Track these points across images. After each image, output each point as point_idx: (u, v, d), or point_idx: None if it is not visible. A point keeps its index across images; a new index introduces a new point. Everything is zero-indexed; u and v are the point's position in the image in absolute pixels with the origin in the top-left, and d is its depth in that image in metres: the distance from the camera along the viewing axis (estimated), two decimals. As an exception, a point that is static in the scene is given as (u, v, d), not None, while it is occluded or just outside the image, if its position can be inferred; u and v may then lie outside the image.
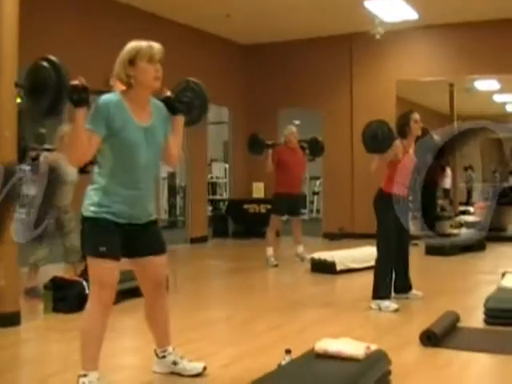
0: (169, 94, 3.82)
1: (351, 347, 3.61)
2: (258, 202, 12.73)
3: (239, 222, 13.11)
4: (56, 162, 6.25)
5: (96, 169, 3.61)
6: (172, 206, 15.88)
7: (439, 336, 4.53)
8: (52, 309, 5.75)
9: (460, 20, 11.16)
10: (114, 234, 3.52)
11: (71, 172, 6.37)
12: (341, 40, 12.37)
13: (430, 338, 4.51)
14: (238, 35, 12.65)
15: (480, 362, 4.28)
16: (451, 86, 15.45)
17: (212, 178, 16.09)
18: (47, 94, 3.27)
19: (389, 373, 3.72)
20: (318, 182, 16.73)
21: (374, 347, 3.71)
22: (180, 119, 3.85)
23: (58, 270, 6.67)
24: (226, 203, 14.21)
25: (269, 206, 10.27)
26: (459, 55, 11.61)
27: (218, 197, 16.14)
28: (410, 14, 10.69)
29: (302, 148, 9.13)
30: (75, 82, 3.30)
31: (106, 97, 3.49)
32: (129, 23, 9.72)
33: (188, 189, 12.58)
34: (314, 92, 12.72)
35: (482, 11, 10.68)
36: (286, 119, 12.81)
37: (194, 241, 11.94)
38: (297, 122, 14.42)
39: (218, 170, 16.52)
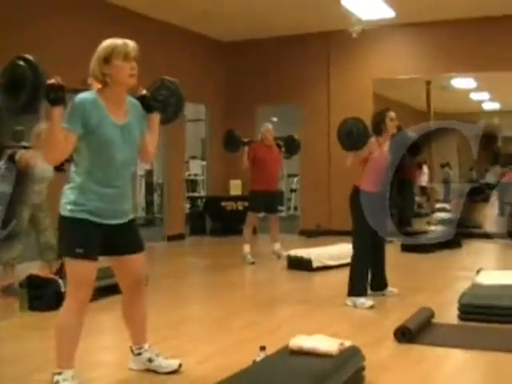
0: (144, 92, 3.84)
1: (325, 344, 3.64)
2: (236, 199, 12.72)
3: (216, 220, 13.08)
4: (32, 159, 6.21)
5: (72, 167, 3.60)
6: (149, 204, 15.79)
7: (414, 332, 4.58)
8: (28, 307, 5.71)
9: (436, 18, 11.24)
10: (91, 234, 3.51)
11: (47, 169, 6.31)
12: (318, 38, 12.41)
13: (405, 334, 4.56)
14: (216, 32, 12.63)
15: (454, 358, 4.34)
16: (428, 83, 15.52)
17: (190, 175, 16.04)
18: (24, 92, 3.25)
19: (362, 369, 3.76)
20: (295, 180, 16.74)
21: (347, 343, 3.74)
22: (156, 117, 3.87)
23: (34, 267, 6.63)
24: (204, 200, 14.19)
25: (246, 204, 10.27)
26: (436, 53, 11.68)
27: (196, 194, 16.09)
28: (387, 12, 10.73)
29: (278, 145, 9.14)
30: (51, 81, 3.29)
31: (81, 95, 3.49)
32: (105, 20, 9.67)
33: (165, 186, 12.54)
34: (291, 89, 12.73)
35: (458, 9, 10.77)
36: (263, 116, 12.83)
37: (171, 238, 11.90)
38: (274, 120, 14.44)
39: (196, 168, 16.46)
